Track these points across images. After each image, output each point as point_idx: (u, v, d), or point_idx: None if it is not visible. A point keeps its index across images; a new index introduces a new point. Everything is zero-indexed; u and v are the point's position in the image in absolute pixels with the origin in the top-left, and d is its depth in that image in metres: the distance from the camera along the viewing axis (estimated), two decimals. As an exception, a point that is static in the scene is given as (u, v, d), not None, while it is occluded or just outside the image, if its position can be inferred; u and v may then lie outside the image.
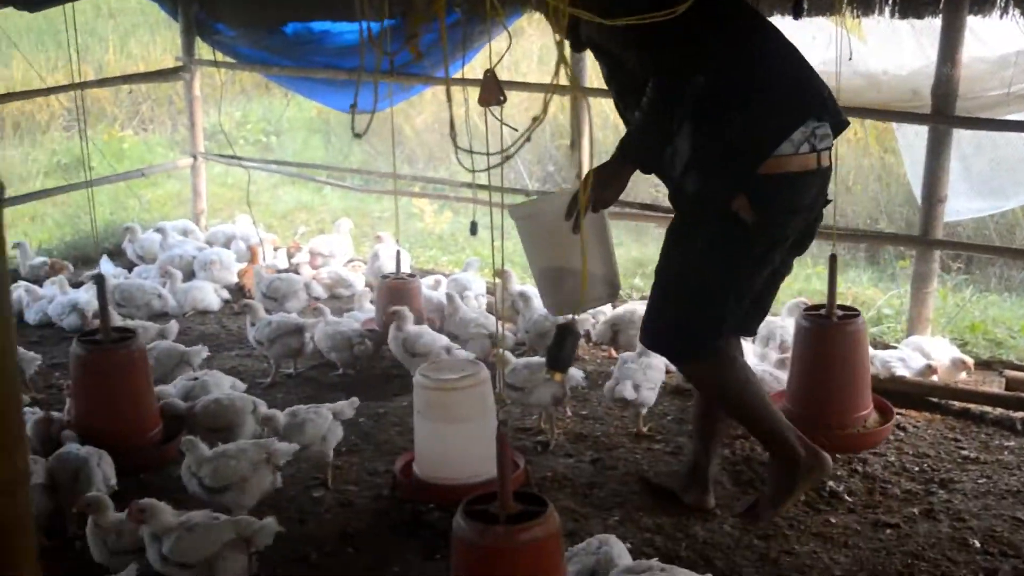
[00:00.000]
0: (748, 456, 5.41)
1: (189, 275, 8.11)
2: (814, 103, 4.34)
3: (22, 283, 7.81)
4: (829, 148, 4.41)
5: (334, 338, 6.55)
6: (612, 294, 5.10)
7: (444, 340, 6.34)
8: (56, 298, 7.55)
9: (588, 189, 4.10)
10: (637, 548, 4.48)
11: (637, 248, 9.11)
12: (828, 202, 4.68)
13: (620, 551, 4.12)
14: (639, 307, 6.47)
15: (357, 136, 4.18)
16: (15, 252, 7.74)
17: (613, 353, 6.72)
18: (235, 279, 8.14)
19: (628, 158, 4.50)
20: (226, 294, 7.97)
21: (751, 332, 5.38)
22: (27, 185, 9.76)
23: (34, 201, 9.38)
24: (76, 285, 7.91)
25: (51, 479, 4.86)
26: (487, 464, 4.70)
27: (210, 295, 7.81)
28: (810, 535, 4.74)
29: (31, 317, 7.60)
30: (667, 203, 5.08)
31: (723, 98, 4.27)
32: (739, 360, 4.81)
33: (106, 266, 8.22)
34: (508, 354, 5.71)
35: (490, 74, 3.49)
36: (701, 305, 4.49)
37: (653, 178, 5.01)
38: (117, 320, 6.42)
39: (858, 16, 6.20)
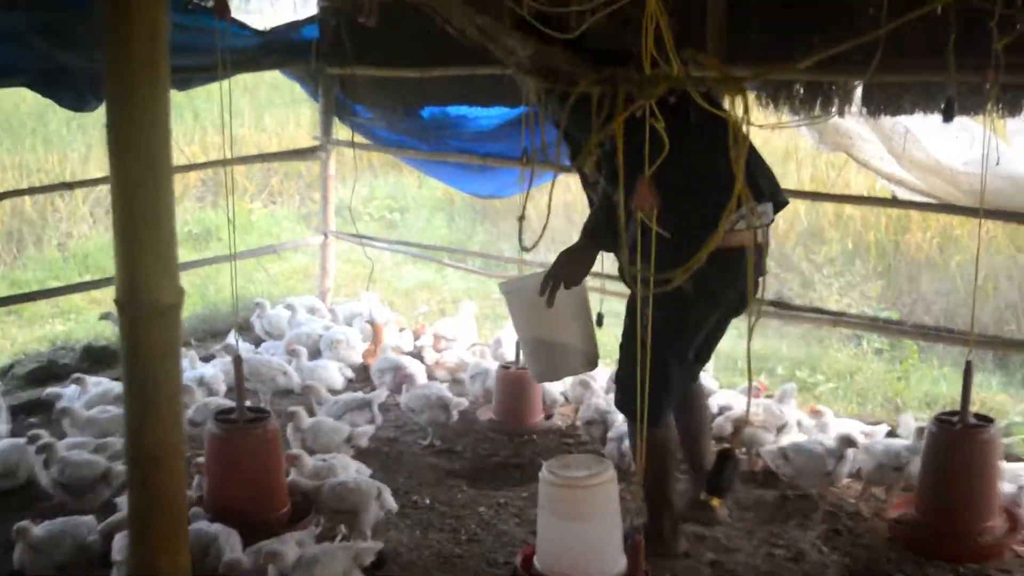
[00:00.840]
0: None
1: (315, 353, 8.20)
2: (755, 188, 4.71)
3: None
4: (767, 224, 5.01)
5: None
6: (589, 365, 5.59)
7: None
8: (185, 372, 7.67)
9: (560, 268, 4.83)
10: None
11: (761, 342, 9.01)
12: (764, 273, 5.06)
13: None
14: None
15: (525, 250, 4.63)
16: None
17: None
18: (359, 359, 8.20)
19: (592, 240, 4.99)
20: (350, 373, 8.03)
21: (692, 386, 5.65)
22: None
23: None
24: (207, 359, 8.03)
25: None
26: (609, 562, 4.72)
27: (335, 374, 7.89)
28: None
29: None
30: (793, 298, 5.17)
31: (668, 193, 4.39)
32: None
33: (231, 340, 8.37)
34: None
35: (646, 180, 3.60)
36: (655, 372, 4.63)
37: (780, 271, 5.20)
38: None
39: (1005, 117, 6.07)
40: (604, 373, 7.05)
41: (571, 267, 4.97)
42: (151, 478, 2.10)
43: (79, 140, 14.32)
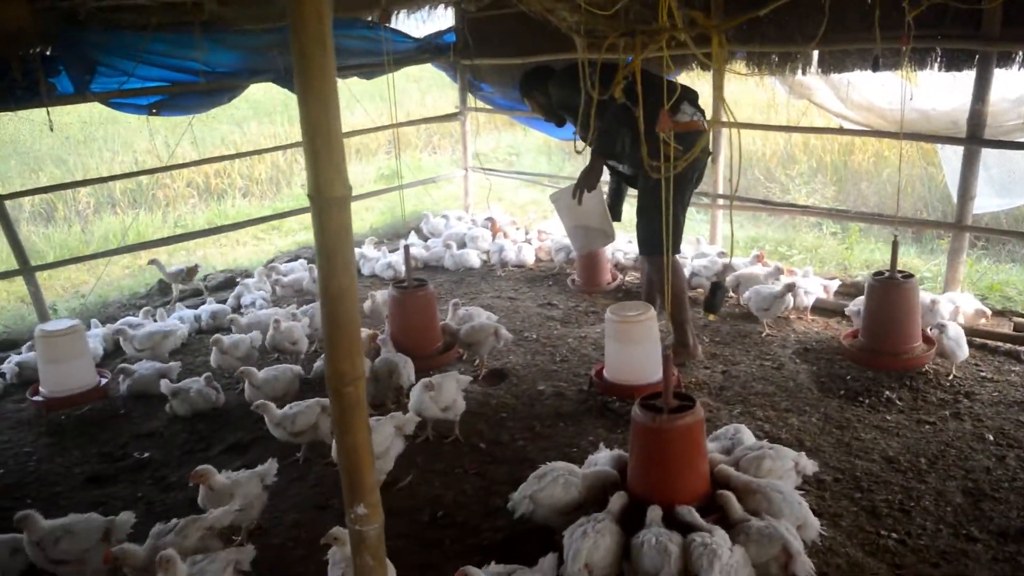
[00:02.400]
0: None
1: (460, 245, 8.20)
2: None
3: (359, 248, 8.12)
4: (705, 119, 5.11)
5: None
6: (608, 240, 5.77)
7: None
8: (380, 259, 7.77)
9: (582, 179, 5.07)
10: (752, 433, 4.35)
11: (754, 229, 8.78)
12: (710, 153, 5.61)
13: (748, 436, 4.01)
14: (755, 270, 6.29)
15: (578, 152, 4.59)
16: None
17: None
18: (487, 247, 8.17)
19: (600, 155, 5.10)
20: (484, 256, 8.05)
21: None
22: (363, 189, 10.06)
23: (369, 199, 9.60)
24: (393, 251, 8.07)
25: (374, 374, 5.04)
26: (652, 372, 4.68)
27: (474, 258, 7.90)
28: (872, 427, 4.51)
29: (365, 271, 7.87)
30: (775, 198, 4.96)
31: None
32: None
33: (413, 239, 8.48)
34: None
35: (664, 110, 3.53)
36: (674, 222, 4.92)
37: (766, 181, 4.99)
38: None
39: (915, 70, 5.87)
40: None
41: (589, 178, 5.12)
42: (335, 311, 2.09)
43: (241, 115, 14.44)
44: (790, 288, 5.82)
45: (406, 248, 5.97)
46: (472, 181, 9.58)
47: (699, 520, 3.20)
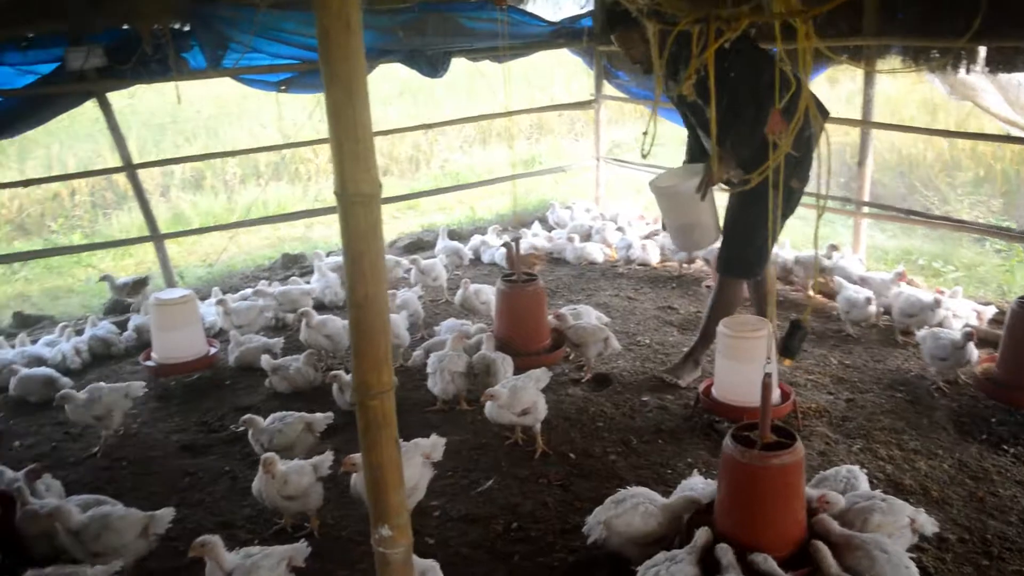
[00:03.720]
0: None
1: (585, 238, 7.93)
2: None
3: (482, 236, 8.01)
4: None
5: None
6: (717, 238, 4.99)
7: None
8: (499, 248, 7.60)
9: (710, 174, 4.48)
10: (871, 474, 3.91)
11: (907, 240, 8.05)
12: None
13: (863, 482, 3.57)
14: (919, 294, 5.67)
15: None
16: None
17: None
18: (612, 243, 7.83)
19: (733, 157, 4.51)
20: (608, 251, 7.74)
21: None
22: (495, 174, 9.94)
23: (502, 183, 9.42)
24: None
25: (470, 370, 4.89)
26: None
27: (597, 253, 7.61)
28: (1014, 482, 3.93)
29: (485, 258, 7.76)
30: (933, 209, 4.44)
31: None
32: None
33: (536, 229, 8.28)
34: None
35: (777, 111, 3.15)
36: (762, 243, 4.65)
37: (923, 189, 4.53)
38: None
39: None
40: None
41: (720, 169, 4.53)
42: (361, 319, 1.91)
43: (447, 98, 14.44)
44: (969, 337, 4.79)
45: (507, 245, 5.77)
46: (604, 172, 9.26)
47: (776, 571, 2.85)
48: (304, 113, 7.26)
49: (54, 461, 4.58)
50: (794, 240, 6.92)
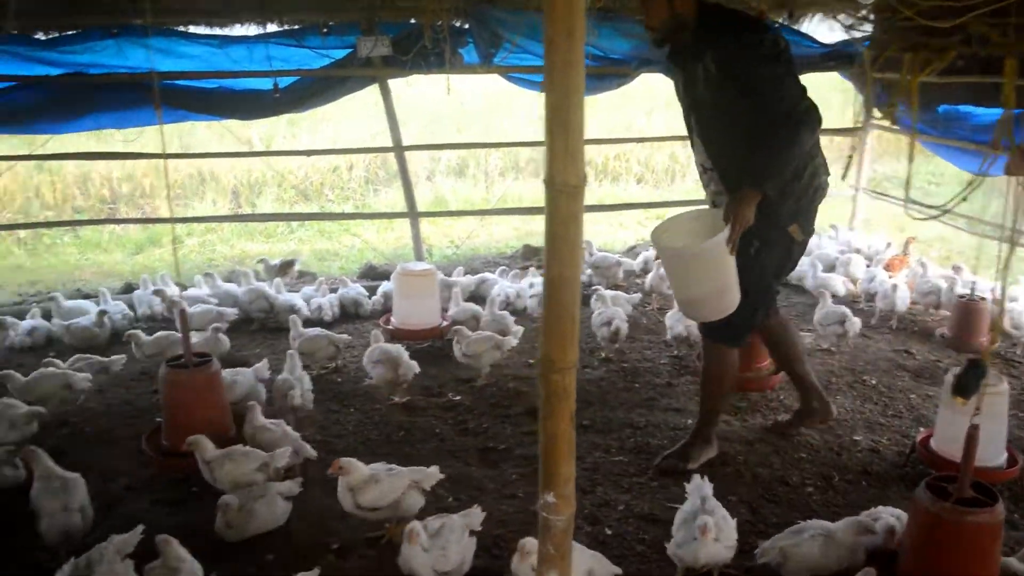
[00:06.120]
0: None
1: (828, 267, 7.66)
2: None
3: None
4: None
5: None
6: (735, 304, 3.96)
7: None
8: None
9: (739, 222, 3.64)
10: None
11: None
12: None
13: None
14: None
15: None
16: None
17: None
18: (858, 277, 7.49)
19: (766, 183, 3.70)
20: (851, 285, 7.39)
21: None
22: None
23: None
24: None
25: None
26: (991, 455, 4.05)
27: (838, 284, 7.31)
28: None
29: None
30: None
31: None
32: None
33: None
34: None
35: (1020, 146, 2.98)
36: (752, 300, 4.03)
37: None
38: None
39: None
40: None
41: (748, 214, 3.67)
42: (555, 298, 2.13)
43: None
44: None
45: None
46: (862, 204, 8.88)
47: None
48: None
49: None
50: None
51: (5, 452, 4.14)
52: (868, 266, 7.58)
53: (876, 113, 8.36)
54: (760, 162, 3.68)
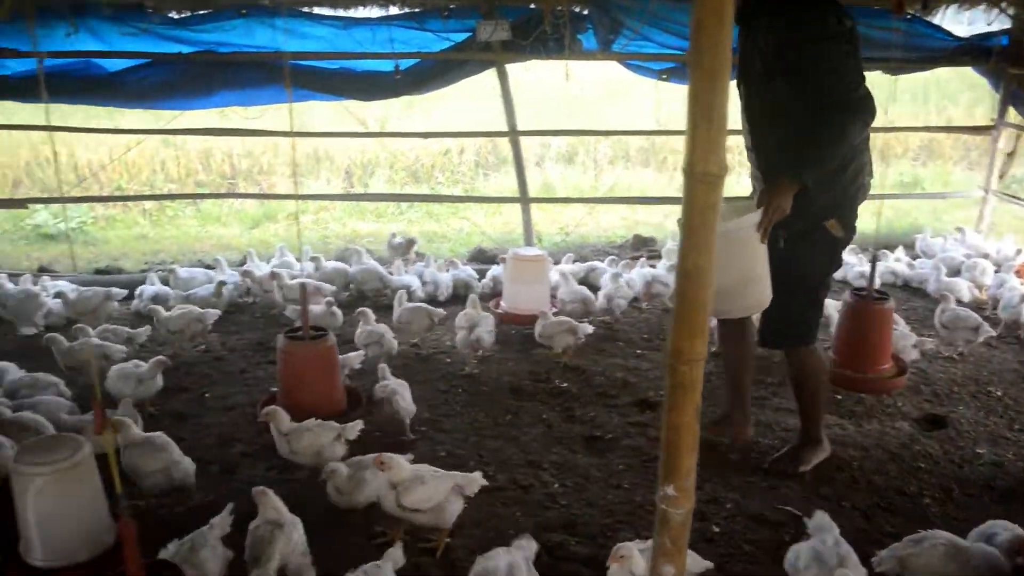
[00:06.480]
0: None
1: (953, 272, 7.33)
2: None
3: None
4: None
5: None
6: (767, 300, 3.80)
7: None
8: (855, 266, 7.27)
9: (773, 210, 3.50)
10: None
11: None
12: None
13: None
14: None
15: None
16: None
17: None
18: (987, 282, 7.14)
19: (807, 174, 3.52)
20: (976, 291, 7.06)
21: None
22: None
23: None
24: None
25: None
26: None
27: (964, 290, 6.98)
28: None
29: (837, 274, 7.42)
30: None
31: None
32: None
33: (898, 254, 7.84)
34: None
35: None
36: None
37: None
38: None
39: None
40: None
41: (784, 201, 3.53)
42: (687, 288, 2.11)
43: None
44: None
45: (874, 258, 5.56)
46: (992, 206, 8.46)
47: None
48: (680, 104, 7.49)
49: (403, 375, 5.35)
50: None
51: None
52: (997, 271, 7.22)
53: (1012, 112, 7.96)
54: (804, 151, 3.49)
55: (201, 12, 6.99)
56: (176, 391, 5.15)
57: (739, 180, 11.52)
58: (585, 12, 6.85)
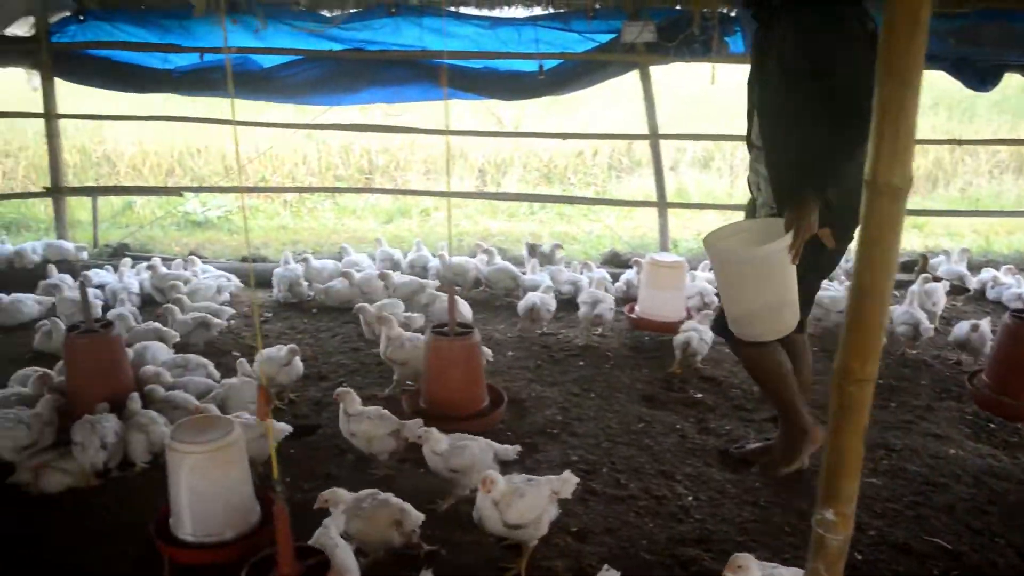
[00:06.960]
0: None
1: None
2: None
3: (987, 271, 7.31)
4: None
5: None
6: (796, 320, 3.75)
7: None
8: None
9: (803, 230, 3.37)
10: None
11: None
12: None
13: None
14: None
15: None
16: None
17: None
18: None
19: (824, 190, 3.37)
20: None
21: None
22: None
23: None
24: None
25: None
26: None
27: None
28: None
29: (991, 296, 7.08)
30: None
31: None
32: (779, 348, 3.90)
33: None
34: None
35: None
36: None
37: None
38: None
39: None
40: None
41: (811, 220, 3.37)
42: (860, 305, 2.02)
43: (988, 115, 13.19)
44: None
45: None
46: None
47: None
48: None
49: (536, 376, 5.36)
50: None
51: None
52: None
53: None
54: (827, 164, 3.31)
55: (352, 11, 7.21)
56: (315, 379, 5.33)
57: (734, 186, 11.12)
58: (733, 14, 6.70)
